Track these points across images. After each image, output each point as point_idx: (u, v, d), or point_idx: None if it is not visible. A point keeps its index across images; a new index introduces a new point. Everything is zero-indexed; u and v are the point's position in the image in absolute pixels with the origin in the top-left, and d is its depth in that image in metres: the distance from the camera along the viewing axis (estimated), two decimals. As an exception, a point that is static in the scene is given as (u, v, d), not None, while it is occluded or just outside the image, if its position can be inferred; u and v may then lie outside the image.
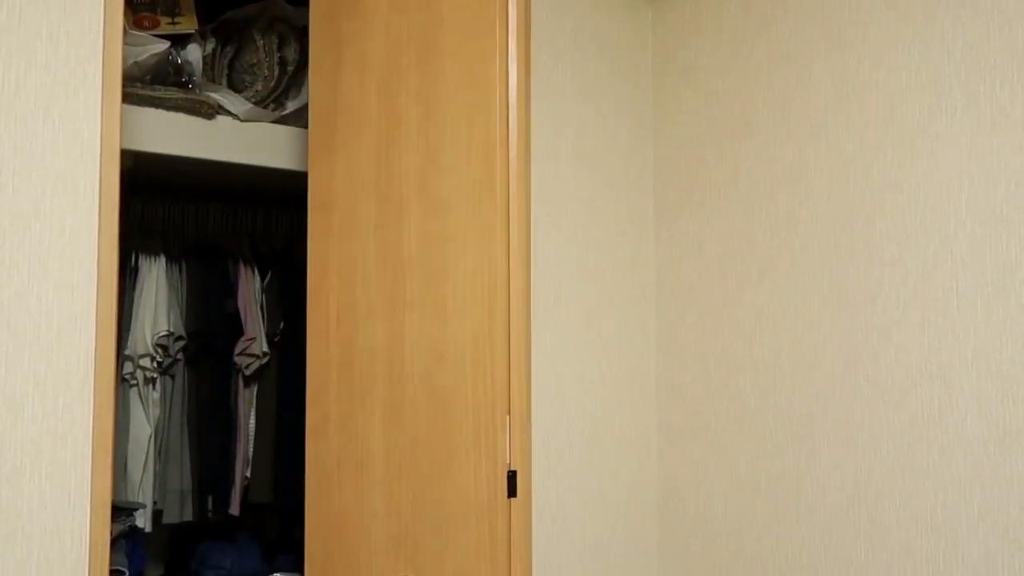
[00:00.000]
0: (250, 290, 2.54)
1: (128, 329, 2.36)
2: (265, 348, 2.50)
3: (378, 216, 1.62)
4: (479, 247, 1.45)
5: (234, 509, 2.52)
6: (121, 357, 2.36)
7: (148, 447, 2.38)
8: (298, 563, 2.87)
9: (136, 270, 2.42)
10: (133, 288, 2.40)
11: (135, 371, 2.35)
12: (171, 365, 2.45)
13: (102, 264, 1.39)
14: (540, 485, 1.75)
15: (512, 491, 1.41)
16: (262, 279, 2.59)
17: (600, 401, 1.82)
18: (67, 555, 1.33)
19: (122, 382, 2.38)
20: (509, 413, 1.42)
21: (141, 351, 2.33)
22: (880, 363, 1.47)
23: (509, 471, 1.41)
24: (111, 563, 1.82)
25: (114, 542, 1.88)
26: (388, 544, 1.56)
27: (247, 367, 2.48)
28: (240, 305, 2.50)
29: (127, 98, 1.95)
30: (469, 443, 1.45)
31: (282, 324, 2.56)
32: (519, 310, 1.43)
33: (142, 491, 2.38)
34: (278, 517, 2.53)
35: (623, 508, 1.83)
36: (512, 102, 1.42)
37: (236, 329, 2.47)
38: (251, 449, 2.54)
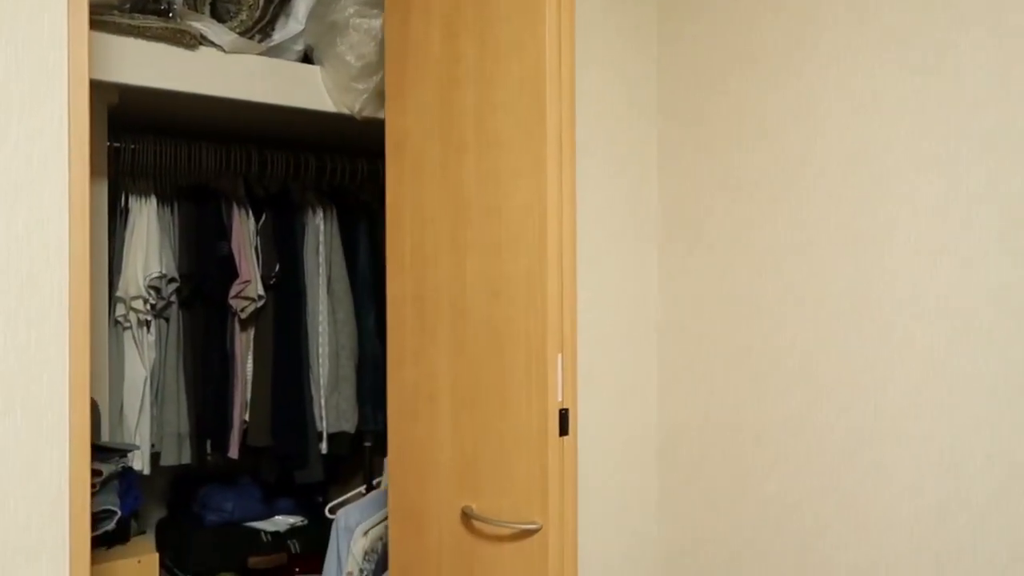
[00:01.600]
0: (244, 232, 2.49)
1: (119, 271, 2.32)
2: (260, 291, 2.45)
3: (442, 156, 1.67)
4: (529, 183, 1.49)
5: (233, 452, 2.51)
6: (113, 299, 2.33)
7: (144, 390, 2.36)
8: (298, 507, 2.88)
9: (127, 211, 2.37)
10: (124, 229, 2.36)
11: (128, 313, 2.32)
12: (165, 308, 2.42)
13: (74, 195, 1.33)
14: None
15: (564, 429, 1.46)
16: (256, 221, 2.54)
17: (599, 342, 1.77)
18: (45, 493, 1.30)
19: (115, 325, 2.35)
20: (561, 351, 1.46)
21: (133, 293, 2.30)
22: (888, 303, 1.40)
23: (561, 409, 1.46)
24: (103, 503, 1.80)
25: (107, 483, 1.86)
26: (453, 473, 1.64)
27: (242, 310, 2.44)
28: (234, 247, 2.45)
29: (106, 27, 1.88)
30: (522, 380, 1.49)
31: (277, 267, 2.51)
32: (567, 246, 1.48)
33: (139, 434, 2.36)
34: (277, 461, 2.52)
35: (620, 455, 1.79)
36: (560, 32, 1.48)
37: (230, 272, 2.43)
38: (249, 393, 2.52)
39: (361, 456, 2.80)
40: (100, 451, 1.92)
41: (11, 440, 1.27)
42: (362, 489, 2.72)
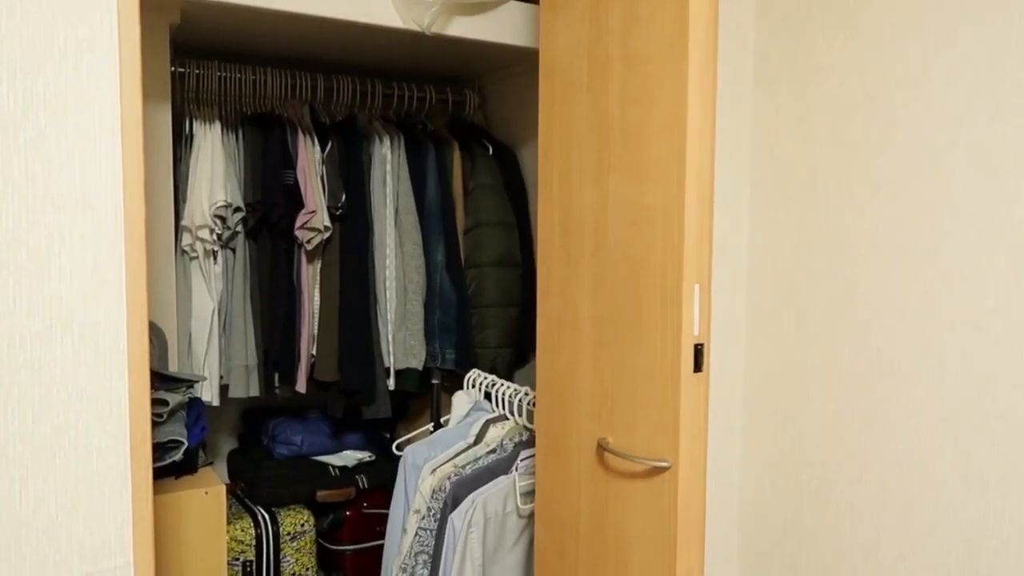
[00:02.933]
0: (310, 161, 2.40)
1: (184, 199, 2.27)
2: (327, 222, 2.37)
3: (589, 78, 1.61)
4: (670, 104, 1.41)
5: (300, 387, 2.47)
6: (179, 228, 2.28)
7: (211, 321, 2.33)
8: (366, 442, 2.85)
9: (191, 137, 2.31)
10: (189, 156, 2.30)
11: (194, 243, 2.27)
12: (231, 238, 2.36)
13: (126, 110, 1.25)
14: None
15: (698, 365, 1.40)
16: (322, 149, 2.44)
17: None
18: (106, 420, 1.25)
19: (182, 255, 2.31)
20: (698, 283, 1.39)
21: (199, 221, 2.24)
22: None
23: (696, 344, 1.40)
24: (170, 433, 1.77)
25: (174, 413, 1.83)
26: (592, 405, 1.63)
27: (308, 241, 2.37)
28: (300, 176, 2.37)
29: (163, -63, 1.77)
30: (657, 313, 1.45)
31: (344, 197, 2.42)
32: (706, 169, 1.38)
33: (207, 365, 2.34)
34: (344, 396, 2.47)
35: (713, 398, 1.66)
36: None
37: (297, 201, 2.35)
38: (316, 327, 2.46)
39: (429, 394, 2.74)
40: (166, 380, 1.89)
41: (68, 365, 1.22)
42: (430, 427, 2.67)
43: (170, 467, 1.80)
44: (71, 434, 1.23)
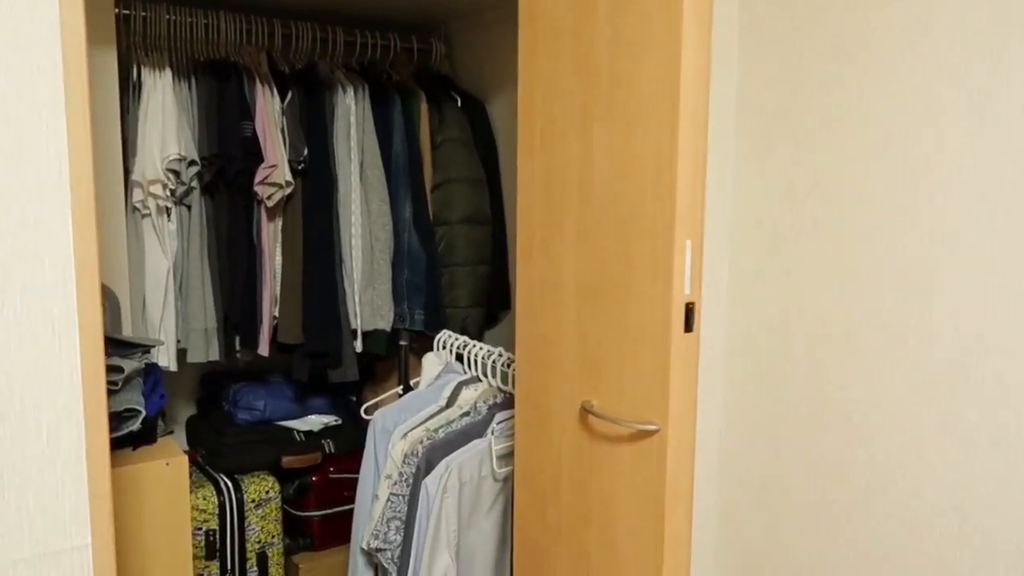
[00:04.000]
0: (269, 112, 2.26)
1: (133, 153, 2.12)
2: (288, 176, 2.25)
3: (574, 21, 1.52)
4: (661, 48, 1.33)
5: (263, 350, 2.37)
6: (129, 183, 2.14)
7: (167, 282, 2.20)
8: (332, 406, 2.77)
9: (139, 86, 2.15)
10: (138, 107, 2.14)
11: (146, 199, 2.13)
12: (186, 194, 2.23)
13: (68, 47, 1.12)
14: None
15: (689, 325, 1.35)
16: (282, 100, 2.31)
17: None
18: (57, 390, 1.15)
19: (133, 212, 2.17)
20: (690, 238, 1.33)
21: (151, 176, 2.10)
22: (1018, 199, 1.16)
23: (688, 303, 1.35)
24: (126, 402, 1.67)
25: (129, 380, 1.72)
26: (575, 367, 1.57)
27: (269, 197, 2.25)
28: (258, 128, 2.23)
29: None
30: (647, 270, 1.38)
31: (306, 151, 2.29)
32: (699, 119, 1.31)
33: (164, 329, 2.22)
34: (309, 359, 2.38)
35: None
36: None
37: (256, 155, 2.22)
38: (278, 287, 2.36)
39: (397, 356, 2.66)
40: (120, 346, 1.78)
41: (12, 332, 1.11)
42: (399, 390, 2.59)
43: (127, 437, 1.70)
44: (17, 406, 1.13)
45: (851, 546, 1.38)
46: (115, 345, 1.77)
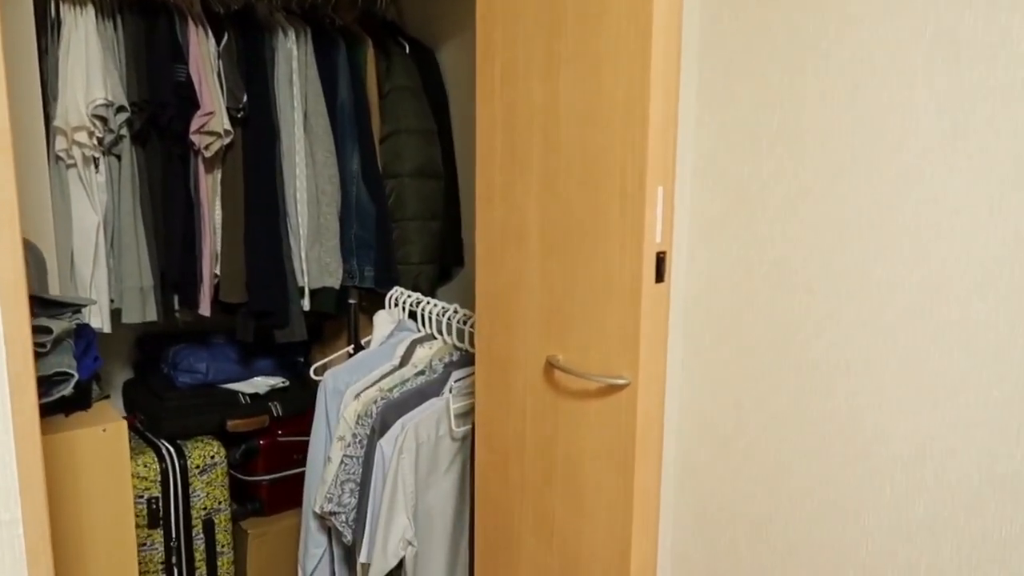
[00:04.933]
0: (204, 55, 2.11)
1: (55, 96, 1.96)
2: (227, 125, 2.11)
3: None
4: None
5: (204, 309, 2.25)
6: (51, 131, 1.97)
7: (97, 238, 2.06)
8: (278, 367, 2.67)
9: (59, 24, 1.98)
10: (57, 46, 1.97)
11: (70, 148, 1.97)
12: (115, 143, 2.07)
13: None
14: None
15: (660, 276, 1.31)
16: (217, 43, 2.16)
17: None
18: (-25, 353, 1.04)
19: (57, 162, 2.01)
20: (662, 185, 1.27)
21: (74, 122, 1.94)
22: (972, 150, 1.13)
23: (659, 252, 1.30)
24: (56, 365, 1.55)
25: (59, 342, 1.60)
26: (539, 321, 1.52)
27: (206, 147, 2.11)
28: (193, 72, 2.08)
29: None
30: (616, 218, 1.33)
31: (245, 98, 2.16)
32: (671, 56, 1.25)
33: (95, 288, 2.08)
34: (254, 319, 2.27)
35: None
36: None
37: (190, 101, 2.07)
38: (219, 243, 2.23)
39: (346, 315, 2.56)
40: (48, 306, 1.65)
41: (-79, 286, 0.99)
42: (349, 349, 2.51)
43: (59, 403, 1.58)
44: (-69, 370, 1.01)
45: (809, 496, 1.37)
46: (42, 305, 1.64)
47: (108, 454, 1.56)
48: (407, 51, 2.48)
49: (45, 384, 1.57)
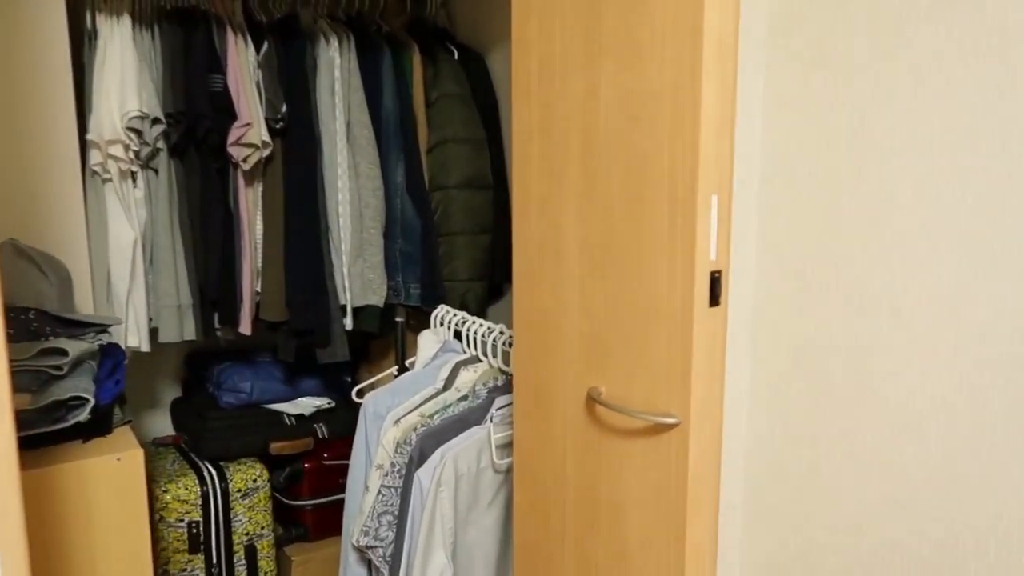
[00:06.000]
0: (242, 64, 2.04)
1: (90, 110, 1.91)
2: (265, 136, 2.03)
3: None
4: None
5: (244, 328, 2.17)
6: (86, 145, 1.93)
7: (133, 255, 2.00)
8: (325, 387, 2.57)
9: (95, 35, 1.93)
10: (92, 57, 1.92)
11: (105, 162, 1.92)
12: (153, 156, 2.02)
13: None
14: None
15: (715, 298, 1.13)
16: (257, 51, 2.08)
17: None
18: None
19: (92, 176, 1.96)
20: (717, 192, 1.09)
21: (109, 136, 1.89)
22: None
23: (713, 272, 1.12)
24: (71, 389, 1.47)
25: (78, 365, 1.53)
26: (579, 347, 1.36)
27: (245, 160, 2.03)
28: (230, 82, 2.01)
29: None
30: (664, 232, 1.16)
31: (284, 108, 2.07)
32: (728, 44, 1.07)
33: (132, 306, 2.03)
34: (295, 338, 2.18)
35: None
36: None
37: (228, 112, 2.00)
38: (259, 260, 2.15)
39: (393, 334, 2.45)
40: (68, 326, 1.58)
41: None
42: (393, 371, 2.39)
43: (75, 428, 1.50)
44: None
45: (898, 550, 1.16)
46: (62, 324, 1.58)
47: (123, 484, 1.47)
48: (456, 57, 2.36)
49: (61, 409, 1.50)
